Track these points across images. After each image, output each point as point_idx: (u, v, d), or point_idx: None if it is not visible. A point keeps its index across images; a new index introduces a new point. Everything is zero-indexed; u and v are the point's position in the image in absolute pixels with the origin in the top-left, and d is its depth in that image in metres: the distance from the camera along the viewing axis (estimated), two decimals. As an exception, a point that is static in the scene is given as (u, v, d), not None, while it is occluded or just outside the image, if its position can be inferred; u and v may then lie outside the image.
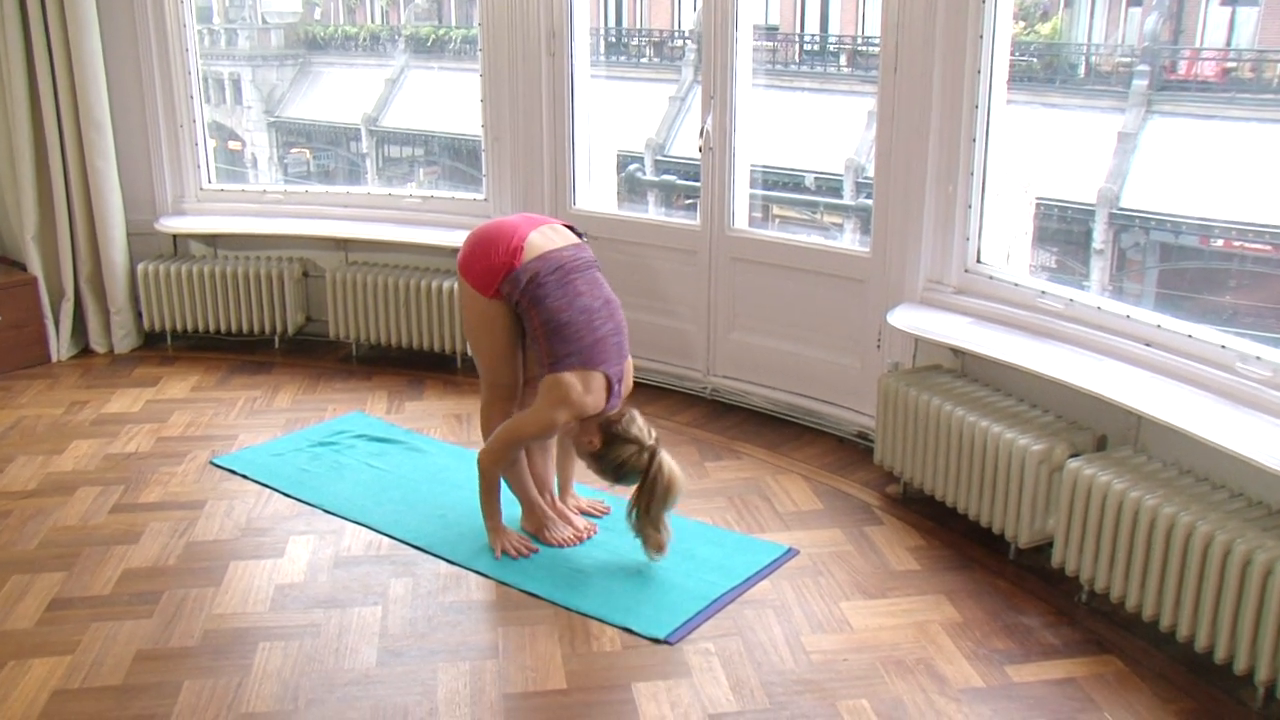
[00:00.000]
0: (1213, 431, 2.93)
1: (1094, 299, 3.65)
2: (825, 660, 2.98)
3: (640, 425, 3.35)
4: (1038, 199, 4.22)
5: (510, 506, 3.60)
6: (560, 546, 3.57)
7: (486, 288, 3.35)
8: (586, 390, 3.29)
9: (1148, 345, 3.40)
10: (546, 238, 3.39)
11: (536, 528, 3.61)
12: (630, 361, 3.48)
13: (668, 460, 3.33)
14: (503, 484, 3.56)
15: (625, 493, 3.47)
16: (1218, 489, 3.05)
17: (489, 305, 3.37)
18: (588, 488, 3.90)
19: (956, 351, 3.93)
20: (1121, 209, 4.35)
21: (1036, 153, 4.18)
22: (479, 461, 3.47)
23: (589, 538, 3.63)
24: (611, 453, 3.32)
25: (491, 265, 3.34)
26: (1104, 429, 3.47)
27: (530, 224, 3.43)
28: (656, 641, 3.06)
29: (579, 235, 3.52)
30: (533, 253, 3.33)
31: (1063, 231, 4.42)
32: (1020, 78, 4.03)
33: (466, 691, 2.84)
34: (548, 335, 3.31)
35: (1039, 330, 3.71)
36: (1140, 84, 5.40)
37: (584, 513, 3.76)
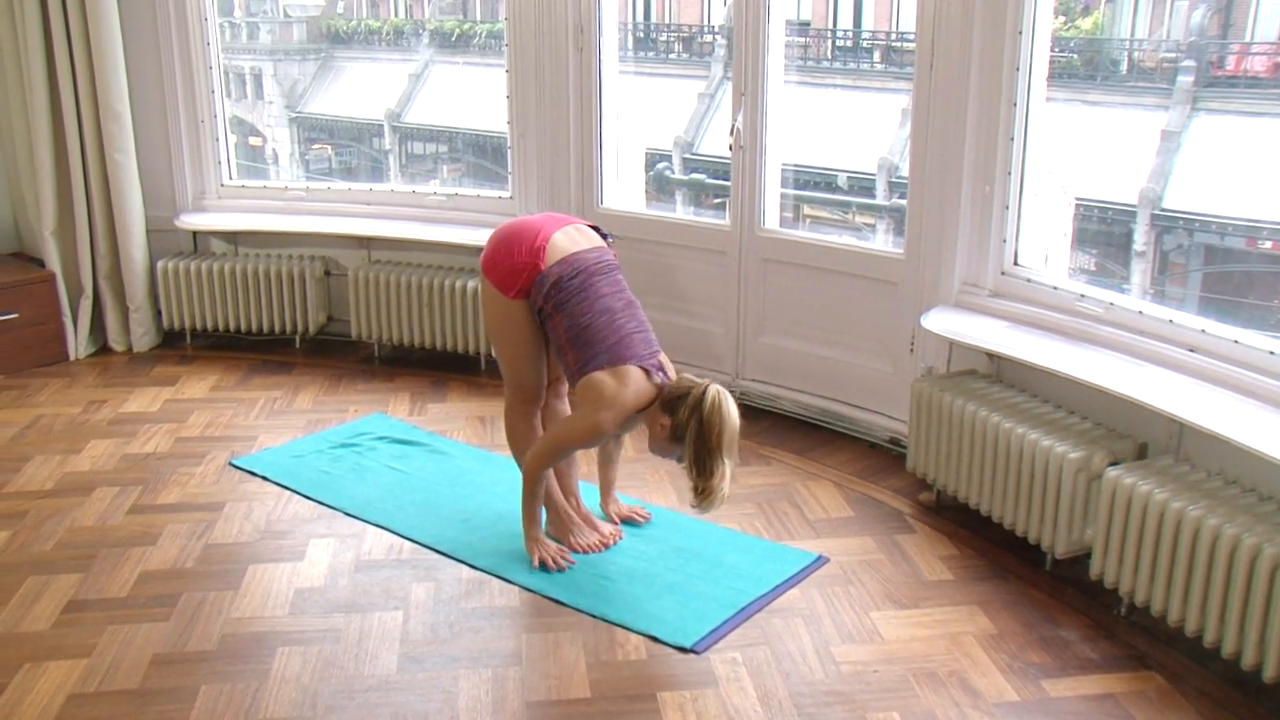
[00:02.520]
0: (1259, 440, 2.90)
1: (1135, 303, 3.63)
2: (855, 671, 2.97)
3: (690, 377, 3.28)
4: (1077, 200, 4.19)
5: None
6: (585, 553, 3.57)
7: (509, 288, 3.35)
8: (622, 384, 3.24)
9: (1191, 350, 3.37)
10: (570, 238, 3.39)
11: (561, 533, 3.62)
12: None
13: (719, 393, 3.17)
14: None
15: (667, 502, 3.46)
16: (1265, 500, 3.02)
17: (511, 305, 3.38)
18: (629, 496, 3.92)
19: (992, 356, 3.91)
20: (1164, 210, 4.31)
21: (1076, 152, 4.15)
22: (524, 467, 3.47)
23: (614, 544, 3.64)
24: (677, 417, 3.18)
25: (514, 265, 3.34)
26: (1145, 437, 3.45)
27: (554, 224, 3.42)
28: (683, 650, 3.07)
29: (604, 237, 3.52)
30: (556, 255, 3.32)
31: (1103, 233, 4.39)
32: (1060, 74, 4.00)
33: (488, 699, 2.86)
34: (572, 341, 3.30)
35: (1078, 335, 3.69)
36: (1185, 80, 5.34)
37: (624, 520, 3.76)
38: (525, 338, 3.44)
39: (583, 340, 3.28)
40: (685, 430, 3.16)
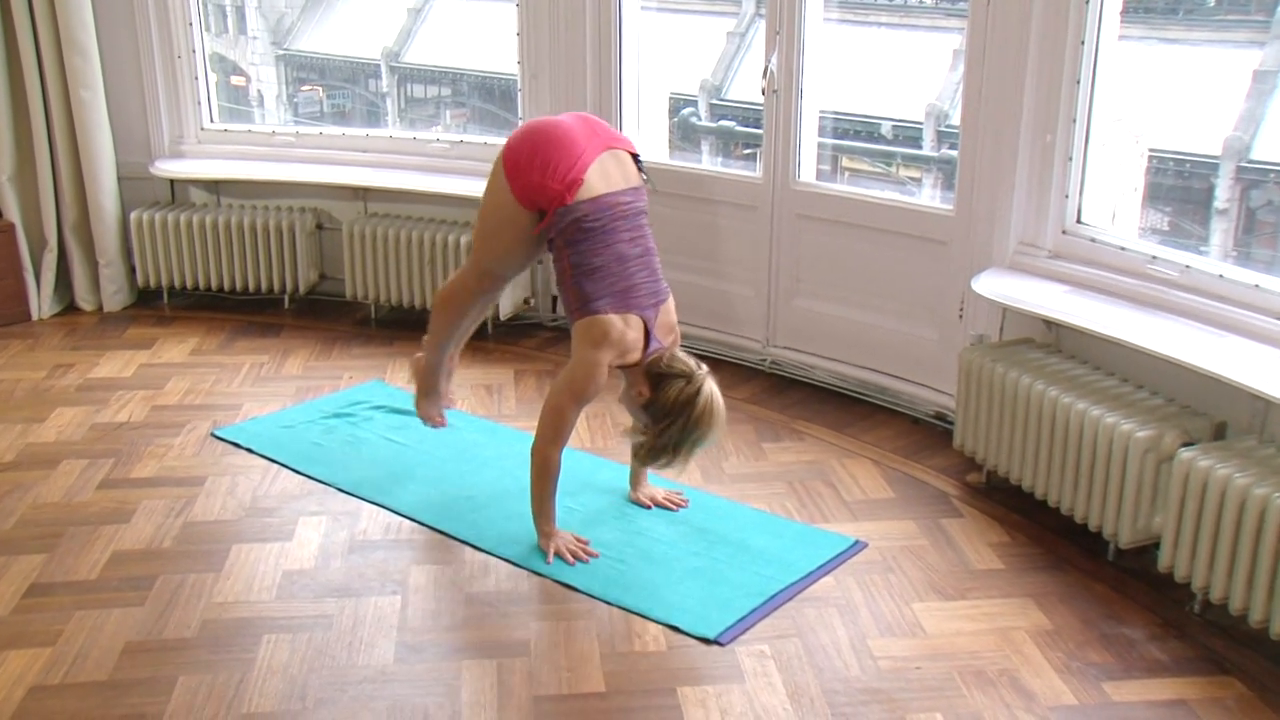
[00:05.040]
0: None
1: (1215, 265, 3.59)
2: (895, 668, 2.97)
3: (685, 358, 3.40)
4: (1151, 150, 4.14)
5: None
6: (426, 423, 4.01)
7: (526, 200, 3.39)
8: (627, 330, 3.36)
9: (1279, 320, 3.33)
10: (605, 174, 3.40)
11: (420, 392, 3.98)
12: (671, 302, 3.51)
13: (712, 389, 3.35)
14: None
15: (690, 480, 3.45)
16: (1355, 486, 2.99)
17: (521, 213, 3.42)
18: (663, 479, 3.91)
19: (1050, 324, 3.89)
20: (1252, 161, 4.20)
21: (1151, 96, 4.08)
22: (534, 451, 3.46)
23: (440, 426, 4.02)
24: (661, 395, 3.34)
25: (543, 185, 3.35)
26: (1224, 415, 3.42)
27: (594, 146, 3.40)
28: (706, 641, 3.07)
29: (640, 169, 3.54)
30: (588, 193, 3.34)
31: (1179, 188, 4.32)
32: (1135, 8, 3.91)
33: (493, 693, 2.86)
34: (576, 276, 3.37)
35: (1148, 301, 3.66)
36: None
37: (659, 505, 3.77)
38: (517, 242, 3.50)
39: (591, 279, 3.36)
40: (666, 415, 3.33)
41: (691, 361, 3.39)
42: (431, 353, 3.88)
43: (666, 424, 3.33)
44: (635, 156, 3.53)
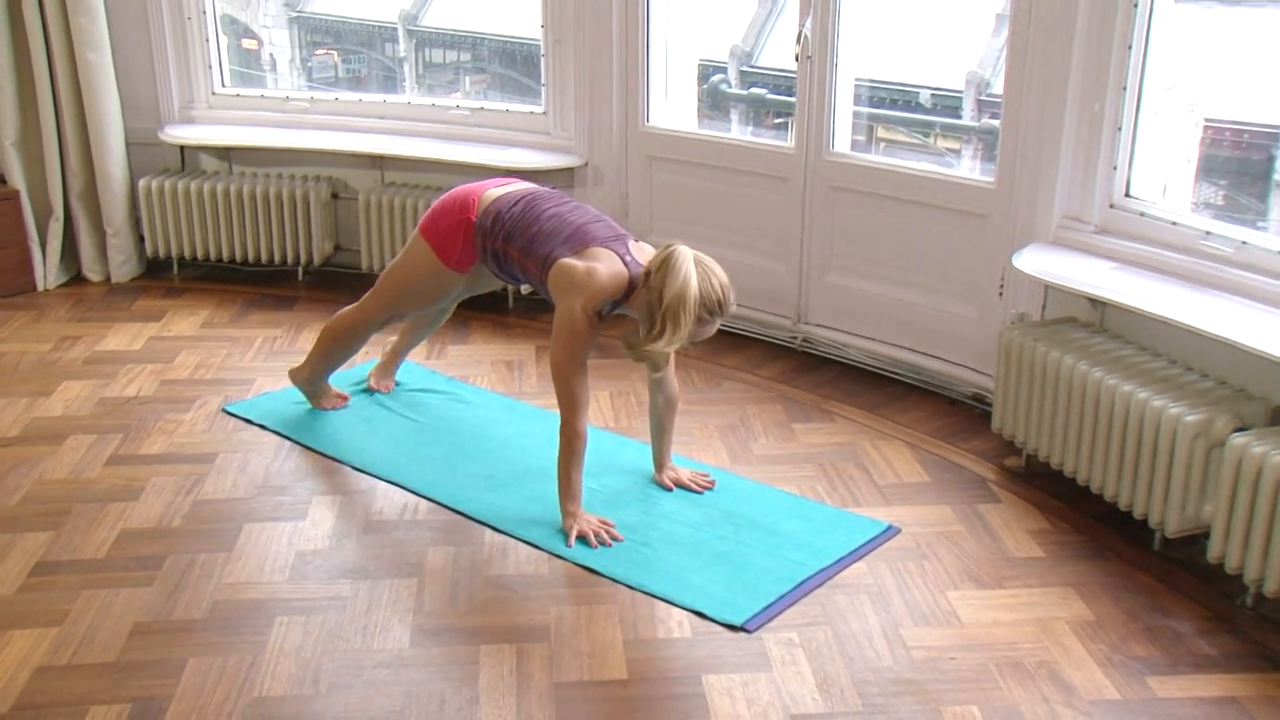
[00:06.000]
0: None
1: (1273, 241, 3.55)
2: (928, 658, 2.96)
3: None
4: (1206, 120, 4.09)
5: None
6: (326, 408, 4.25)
7: (448, 253, 3.72)
8: (591, 261, 3.39)
9: (1341, 300, 3.31)
10: (503, 186, 3.73)
11: (317, 399, 4.26)
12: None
13: (683, 251, 3.25)
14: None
15: (717, 460, 3.44)
16: None
17: (442, 269, 3.76)
18: (688, 459, 3.91)
19: (1095, 302, 3.86)
20: (1317, 132, 4.15)
21: (1208, 62, 4.03)
22: (563, 428, 3.44)
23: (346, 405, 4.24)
24: (650, 285, 3.26)
25: (449, 225, 3.70)
26: None
27: (487, 184, 3.78)
28: (732, 628, 3.06)
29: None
30: (486, 202, 3.67)
31: (1236, 160, 4.25)
32: (1193, -31, 3.87)
33: (512, 679, 2.86)
34: (528, 252, 3.51)
35: (1200, 278, 3.62)
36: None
37: (684, 487, 3.75)
38: (439, 289, 3.87)
39: (537, 243, 3.50)
40: (652, 288, 3.26)
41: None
42: (316, 370, 4.21)
43: (656, 294, 3.24)
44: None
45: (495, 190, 3.72)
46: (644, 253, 3.47)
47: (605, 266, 3.37)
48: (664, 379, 3.64)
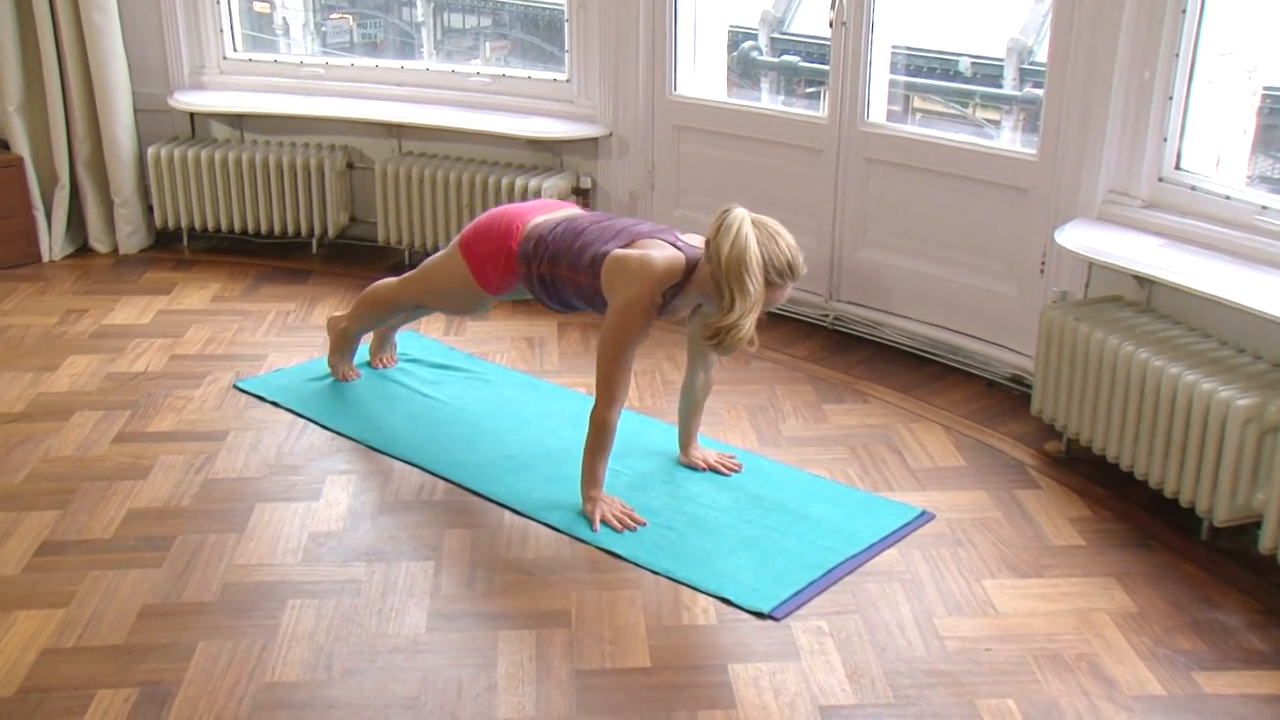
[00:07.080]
0: None
1: (1331, 217, 3.53)
2: (963, 649, 2.95)
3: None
4: (1265, 88, 4.05)
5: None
6: (334, 375, 4.33)
7: (487, 276, 3.73)
8: (646, 249, 3.39)
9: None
10: (547, 215, 3.73)
11: (335, 366, 4.35)
12: None
13: (741, 213, 3.23)
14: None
15: (745, 442, 3.43)
16: None
17: (473, 290, 3.81)
18: (715, 440, 3.92)
19: (1142, 280, 3.84)
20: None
21: (1268, 26, 3.99)
22: (591, 414, 3.45)
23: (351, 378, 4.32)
24: (710, 254, 3.24)
25: (490, 250, 3.69)
26: (1332, 382, 3.36)
27: (545, 208, 3.81)
28: (759, 616, 3.07)
29: None
30: (529, 227, 3.68)
31: (1297, 131, 4.23)
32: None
33: (531, 666, 2.87)
34: (575, 264, 3.50)
35: (1255, 256, 3.60)
36: None
37: (711, 469, 3.76)
38: (468, 300, 3.92)
39: (585, 252, 3.49)
40: (714, 261, 3.22)
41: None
42: (353, 325, 4.29)
43: (716, 261, 3.21)
44: None
45: (540, 217, 3.74)
46: (695, 240, 3.46)
47: (659, 252, 3.37)
48: (709, 356, 3.65)
